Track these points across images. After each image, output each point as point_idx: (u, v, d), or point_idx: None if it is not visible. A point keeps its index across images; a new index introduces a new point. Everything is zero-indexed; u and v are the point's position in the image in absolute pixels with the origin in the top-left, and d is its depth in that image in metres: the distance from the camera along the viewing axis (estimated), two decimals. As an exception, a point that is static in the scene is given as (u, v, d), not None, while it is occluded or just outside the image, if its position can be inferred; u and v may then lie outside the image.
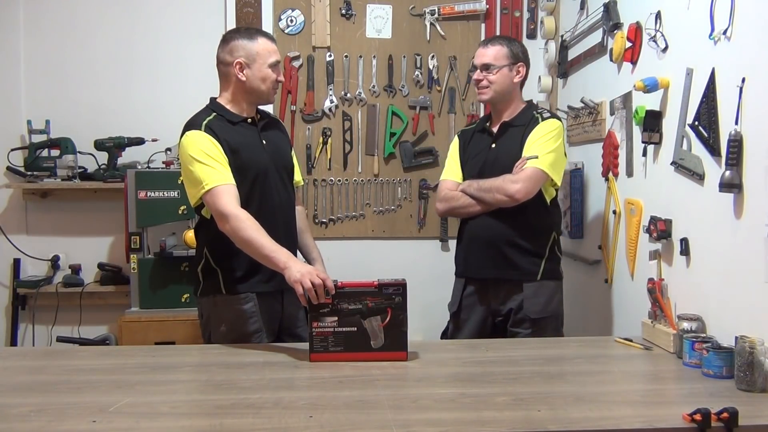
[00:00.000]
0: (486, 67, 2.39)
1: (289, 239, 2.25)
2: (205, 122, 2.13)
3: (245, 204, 2.11)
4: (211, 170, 2.07)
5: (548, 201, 2.38)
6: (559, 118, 2.42)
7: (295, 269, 1.90)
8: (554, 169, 2.31)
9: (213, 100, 2.25)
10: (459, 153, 2.52)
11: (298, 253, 2.35)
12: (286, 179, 2.28)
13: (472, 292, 2.43)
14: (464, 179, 2.45)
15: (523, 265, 2.35)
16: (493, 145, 2.42)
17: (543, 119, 2.37)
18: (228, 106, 2.20)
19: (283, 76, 2.25)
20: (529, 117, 2.40)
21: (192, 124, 2.15)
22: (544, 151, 2.30)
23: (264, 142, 2.23)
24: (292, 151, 2.40)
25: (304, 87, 3.36)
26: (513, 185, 2.27)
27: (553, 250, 2.40)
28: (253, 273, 2.15)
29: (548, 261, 2.38)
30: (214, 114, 2.18)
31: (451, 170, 2.51)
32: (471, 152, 2.49)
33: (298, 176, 2.40)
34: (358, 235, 3.40)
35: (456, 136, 2.61)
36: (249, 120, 2.22)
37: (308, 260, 2.39)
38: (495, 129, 2.45)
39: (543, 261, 2.37)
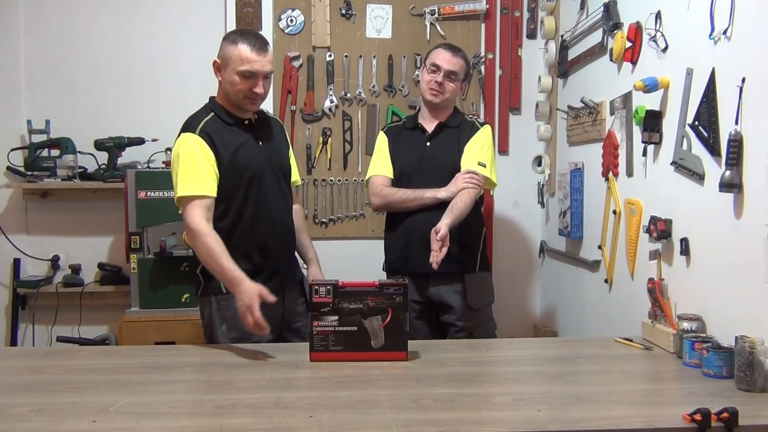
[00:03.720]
0: (450, 75, 2.51)
1: (286, 239, 2.27)
2: (201, 124, 2.13)
3: (241, 206, 2.13)
4: (191, 177, 2.08)
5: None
6: (488, 123, 2.67)
7: (242, 297, 1.95)
8: (495, 174, 2.55)
9: (212, 99, 2.24)
10: (389, 149, 2.61)
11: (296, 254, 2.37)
12: (282, 180, 2.29)
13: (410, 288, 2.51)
14: (395, 174, 2.58)
15: (463, 259, 2.49)
16: (428, 143, 2.57)
17: (480, 125, 2.58)
18: (225, 106, 2.20)
19: (262, 88, 2.11)
20: (461, 120, 2.59)
21: (188, 126, 2.15)
22: (488, 159, 2.51)
23: (260, 143, 2.23)
24: (290, 151, 2.40)
25: (304, 87, 3.36)
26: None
27: (484, 243, 2.61)
28: (253, 273, 2.15)
29: (482, 253, 2.58)
30: (212, 114, 2.17)
31: (382, 166, 2.60)
32: (402, 149, 2.60)
33: (295, 176, 2.40)
34: (358, 235, 3.40)
35: (382, 133, 2.69)
36: (246, 121, 2.22)
37: (305, 260, 2.42)
38: (429, 128, 2.58)
39: (479, 254, 2.56)
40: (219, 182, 2.13)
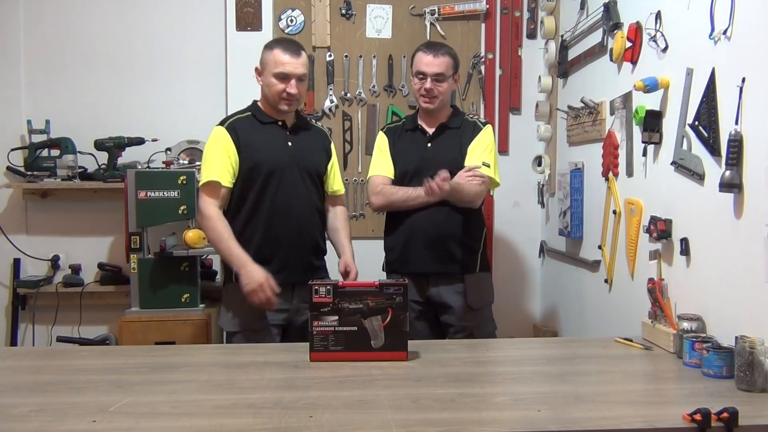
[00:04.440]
0: (437, 77, 2.48)
1: (303, 237, 2.35)
2: (232, 120, 2.33)
3: (258, 198, 2.28)
4: (210, 166, 2.26)
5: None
6: (489, 122, 2.66)
7: (246, 279, 2.13)
8: (498, 174, 2.55)
9: (254, 101, 2.41)
10: (389, 149, 2.61)
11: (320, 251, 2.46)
12: (308, 180, 2.38)
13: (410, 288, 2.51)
14: (396, 174, 2.56)
15: (464, 259, 2.50)
16: (429, 144, 2.55)
17: (482, 125, 2.57)
18: (263, 108, 2.36)
19: (296, 89, 2.27)
20: (462, 120, 2.58)
21: (222, 120, 2.36)
22: (491, 159, 2.51)
23: (290, 143, 2.35)
24: (332, 161, 2.49)
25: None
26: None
27: (485, 243, 2.59)
28: (262, 264, 2.22)
29: (482, 254, 2.57)
30: (248, 113, 2.36)
31: (382, 166, 2.60)
32: (403, 149, 2.59)
33: (337, 185, 2.51)
34: (358, 235, 3.38)
35: (382, 133, 2.68)
36: (280, 122, 2.35)
37: (339, 256, 2.51)
38: (430, 129, 2.57)
39: (479, 254, 2.55)
40: (239, 173, 2.28)
